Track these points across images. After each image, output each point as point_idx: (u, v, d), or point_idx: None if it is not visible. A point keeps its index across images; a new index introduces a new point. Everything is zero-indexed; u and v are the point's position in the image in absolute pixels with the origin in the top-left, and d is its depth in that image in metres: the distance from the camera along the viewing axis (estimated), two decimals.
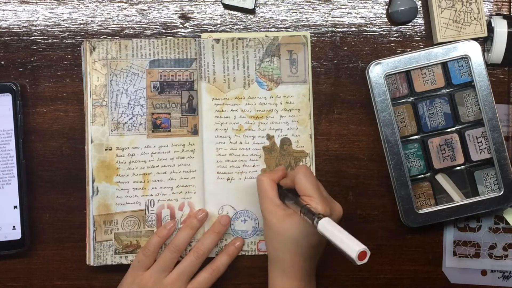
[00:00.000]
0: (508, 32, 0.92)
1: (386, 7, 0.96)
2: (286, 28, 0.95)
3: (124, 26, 0.94)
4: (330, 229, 0.74)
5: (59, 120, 0.93)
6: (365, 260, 0.71)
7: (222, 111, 0.93)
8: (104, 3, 0.94)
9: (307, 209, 0.79)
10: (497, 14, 0.95)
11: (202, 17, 0.94)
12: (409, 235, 0.96)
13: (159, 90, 0.92)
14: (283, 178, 0.88)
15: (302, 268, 0.84)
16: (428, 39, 0.95)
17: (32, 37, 0.93)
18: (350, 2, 0.95)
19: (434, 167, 0.93)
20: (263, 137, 0.94)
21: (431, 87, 0.93)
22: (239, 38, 0.93)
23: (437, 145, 0.93)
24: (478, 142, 0.93)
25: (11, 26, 0.93)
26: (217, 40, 0.93)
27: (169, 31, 0.94)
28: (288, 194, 0.85)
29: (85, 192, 0.91)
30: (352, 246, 0.71)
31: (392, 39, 0.96)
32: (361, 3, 0.95)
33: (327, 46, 0.95)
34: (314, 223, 0.76)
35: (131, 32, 0.94)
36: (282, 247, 0.84)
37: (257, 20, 0.95)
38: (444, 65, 0.92)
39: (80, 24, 0.94)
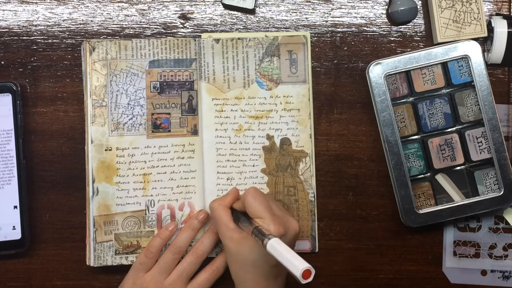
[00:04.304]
0: (508, 32, 0.92)
1: (386, 7, 0.96)
2: (286, 28, 0.95)
3: (124, 26, 0.94)
4: (278, 249, 0.75)
5: (59, 120, 0.93)
6: (310, 279, 0.72)
7: (222, 111, 0.93)
8: (104, 3, 0.94)
9: (258, 230, 0.79)
10: (497, 14, 0.95)
11: (202, 17, 0.94)
12: (409, 235, 0.96)
13: (159, 90, 0.92)
14: (235, 200, 0.88)
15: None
16: (428, 39, 0.95)
17: (32, 37, 0.93)
18: (350, 2, 0.95)
19: (434, 167, 0.93)
20: (263, 137, 0.94)
21: (431, 87, 0.93)
22: (239, 38, 0.93)
23: (437, 145, 0.93)
24: (478, 142, 0.93)
25: (11, 26, 0.93)
26: (217, 40, 0.93)
27: (169, 31, 0.94)
28: (241, 216, 0.85)
29: (85, 192, 0.91)
30: (296, 265, 0.72)
31: (392, 39, 0.95)
32: (361, 3, 0.95)
33: (327, 46, 0.95)
34: (263, 244, 0.76)
35: (131, 32, 0.94)
36: (243, 270, 0.84)
37: (257, 20, 0.95)
38: (444, 65, 0.92)
39: (80, 24, 0.94)
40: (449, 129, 0.93)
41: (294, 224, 0.85)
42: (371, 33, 0.95)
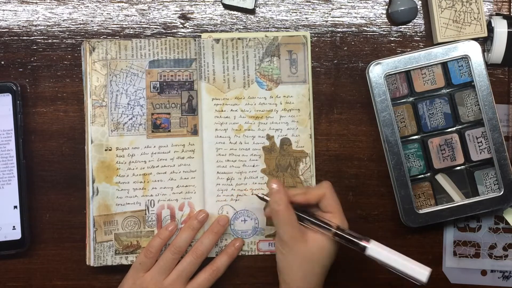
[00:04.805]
0: (508, 32, 0.92)
1: (386, 7, 0.96)
2: (286, 28, 0.95)
3: (124, 26, 0.94)
4: (383, 253, 0.79)
5: (59, 120, 0.93)
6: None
7: (222, 111, 0.93)
8: (104, 3, 0.94)
9: (345, 234, 0.82)
10: (497, 14, 0.95)
11: (202, 17, 0.94)
12: (409, 235, 0.96)
13: (158, 90, 0.92)
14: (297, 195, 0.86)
15: (317, 286, 0.84)
16: (428, 39, 0.95)
17: (32, 37, 0.93)
18: (350, 2, 0.95)
19: (434, 167, 0.93)
20: (263, 137, 0.94)
21: (431, 87, 0.93)
22: (239, 38, 0.93)
23: (437, 145, 0.93)
24: (478, 142, 0.93)
25: (11, 26, 0.93)
26: (217, 40, 0.93)
27: (169, 31, 0.94)
28: (300, 214, 0.84)
29: (85, 192, 0.91)
30: (419, 270, 0.78)
31: (392, 39, 0.95)
32: (361, 3, 0.95)
33: (327, 46, 0.95)
34: (363, 248, 0.80)
35: (131, 32, 0.94)
36: (295, 267, 0.83)
37: (257, 20, 0.95)
38: (444, 65, 0.92)
39: (80, 24, 0.94)
40: (449, 129, 0.93)
41: (346, 224, 0.85)
42: (371, 33, 0.95)
